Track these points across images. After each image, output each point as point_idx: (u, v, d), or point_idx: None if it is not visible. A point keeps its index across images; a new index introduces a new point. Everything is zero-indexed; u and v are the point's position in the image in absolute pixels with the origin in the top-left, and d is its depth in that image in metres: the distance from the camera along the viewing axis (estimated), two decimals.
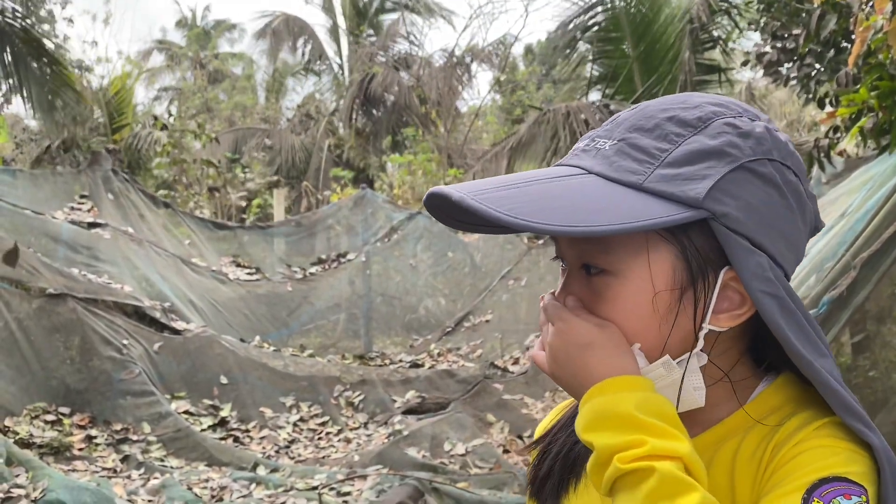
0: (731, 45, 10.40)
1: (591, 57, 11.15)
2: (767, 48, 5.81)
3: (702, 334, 0.70)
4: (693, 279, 0.69)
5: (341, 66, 19.22)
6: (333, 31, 19.32)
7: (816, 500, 0.62)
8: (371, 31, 18.75)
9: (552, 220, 0.64)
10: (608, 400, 0.65)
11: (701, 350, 0.70)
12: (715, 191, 0.66)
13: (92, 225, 6.87)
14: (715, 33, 9.97)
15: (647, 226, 0.65)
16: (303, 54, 19.86)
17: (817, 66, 5.40)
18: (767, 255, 0.67)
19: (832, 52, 5.20)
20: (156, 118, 12.38)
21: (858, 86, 4.04)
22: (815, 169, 4.24)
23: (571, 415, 0.85)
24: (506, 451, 4.93)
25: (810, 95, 5.59)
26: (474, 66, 16.49)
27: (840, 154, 4.15)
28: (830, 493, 0.62)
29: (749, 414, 0.72)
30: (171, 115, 14.20)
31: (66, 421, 4.97)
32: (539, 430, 0.91)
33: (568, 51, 11.16)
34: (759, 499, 0.66)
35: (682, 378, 0.70)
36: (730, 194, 0.66)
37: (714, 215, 0.66)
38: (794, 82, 5.77)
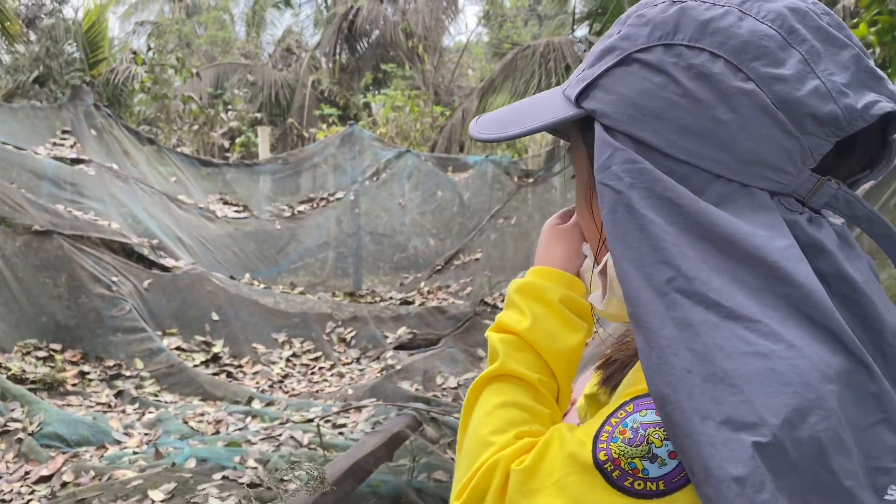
0: None
1: None
2: None
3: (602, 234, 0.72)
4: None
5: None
6: None
7: (622, 411, 0.60)
8: None
9: (490, 130, 0.73)
10: (513, 281, 0.77)
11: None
12: (591, 88, 0.66)
13: (75, 161, 6.74)
14: None
15: (534, 129, 0.69)
16: None
17: None
18: (657, 150, 0.61)
19: None
20: (134, 53, 12.04)
21: (856, 20, 3.99)
22: None
23: None
24: None
25: None
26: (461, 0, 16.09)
27: None
28: (638, 405, 0.60)
29: None
30: (150, 48, 13.78)
31: (58, 357, 4.98)
32: None
33: None
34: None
35: (589, 281, 0.76)
36: (606, 89, 0.65)
37: (590, 112, 0.66)
38: None
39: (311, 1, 19.26)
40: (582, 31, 11.24)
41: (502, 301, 6.01)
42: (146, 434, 4.02)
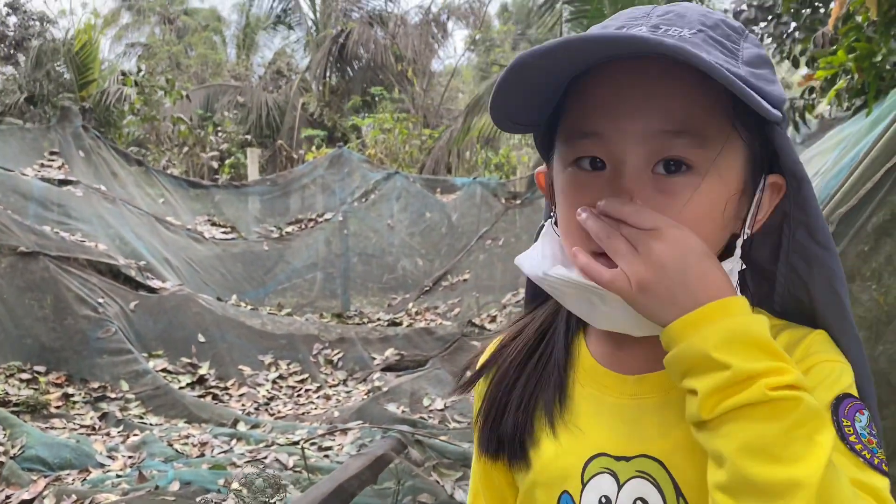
0: (707, 4, 10.37)
1: (566, 17, 11.05)
2: (744, 6, 5.82)
3: (740, 241, 0.70)
4: (754, 183, 0.69)
5: (315, 23, 18.84)
6: None
7: (844, 419, 0.64)
8: None
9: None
10: (743, 322, 0.59)
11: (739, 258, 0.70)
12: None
13: (63, 182, 6.73)
14: None
15: (776, 115, 0.63)
16: (272, 9, 19.40)
17: (793, 24, 5.45)
18: None
19: (808, 10, 5.24)
20: (124, 74, 12.08)
21: (835, 47, 4.07)
22: (791, 129, 4.30)
23: (522, 360, 0.81)
24: None
25: (785, 54, 5.64)
26: (450, 24, 16.28)
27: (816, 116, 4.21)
28: (851, 409, 0.65)
29: None
30: (140, 70, 13.83)
31: (42, 379, 4.94)
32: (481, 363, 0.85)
33: (544, 10, 11.03)
34: None
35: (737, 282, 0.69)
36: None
37: (783, 115, 0.67)
38: (769, 40, 5.81)
39: (301, 24, 19.39)
40: None
41: (490, 322, 6.01)
42: (130, 457, 3.99)
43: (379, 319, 7.27)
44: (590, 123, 0.67)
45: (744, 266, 0.72)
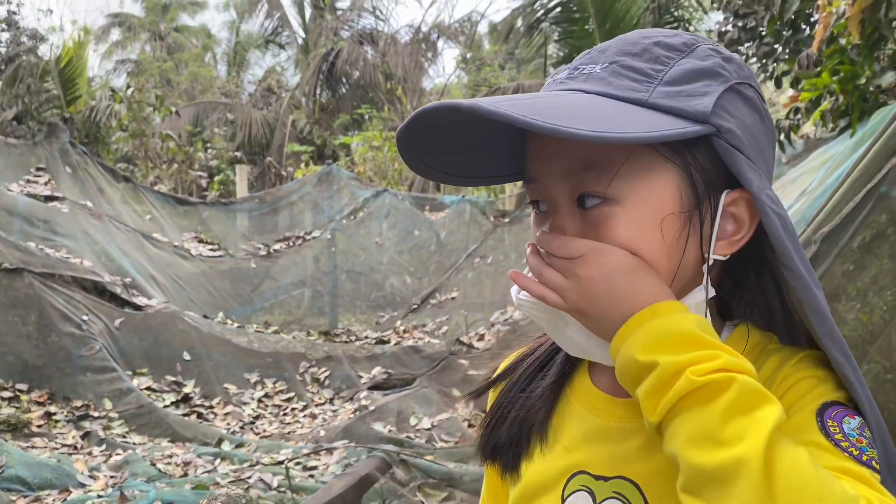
0: (692, 27, 10.51)
1: (555, 37, 11.16)
2: (729, 27, 5.89)
3: (706, 267, 0.68)
4: (699, 201, 0.67)
5: (306, 41, 18.92)
6: (299, 4, 18.98)
7: (830, 420, 0.63)
8: (338, 5, 18.47)
9: (579, 124, 0.59)
10: (666, 321, 0.61)
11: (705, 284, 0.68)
12: (717, 107, 0.65)
13: (49, 198, 6.69)
14: (676, 13, 10.05)
15: (671, 135, 0.62)
16: (264, 27, 19.49)
17: (776, 45, 5.51)
18: (760, 175, 0.67)
19: (790, 31, 5.31)
20: (113, 91, 12.06)
21: (819, 69, 4.12)
22: (776, 150, 4.34)
23: (528, 376, 0.85)
24: (471, 426, 4.98)
25: (768, 74, 5.69)
26: (440, 43, 16.38)
27: (800, 136, 4.25)
28: (838, 413, 0.64)
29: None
30: (129, 86, 13.80)
31: (24, 397, 4.87)
32: (500, 370, 0.91)
33: (531, 31, 11.14)
34: None
35: (706, 309, 0.68)
36: (728, 112, 0.66)
37: (719, 131, 0.65)
38: (753, 60, 5.87)
39: (291, 42, 19.47)
40: None
41: (478, 340, 5.99)
42: (112, 477, 3.93)
43: (367, 337, 7.23)
44: (530, 170, 0.72)
45: (713, 294, 0.69)
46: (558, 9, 10.52)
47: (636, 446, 0.71)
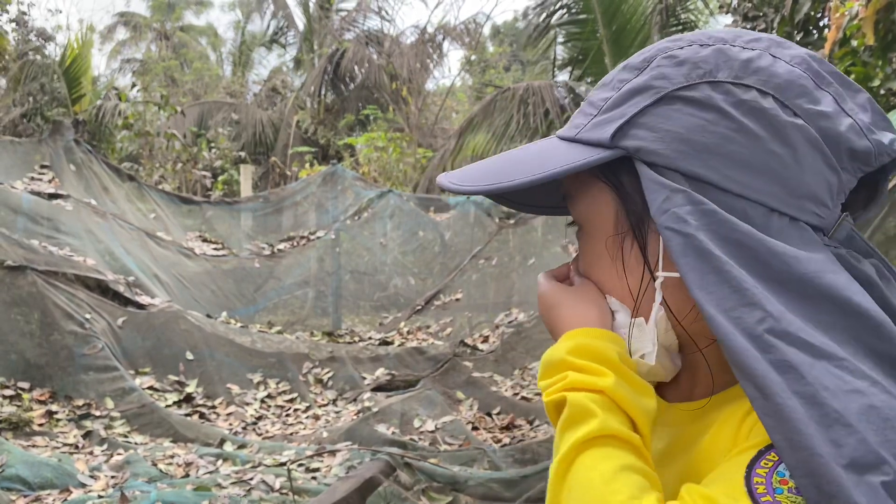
0: (701, 27, 10.46)
1: (560, 39, 11.12)
2: (738, 28, 5.85)
3: (657, 283, 0.66)
4: (637, 222, 0.67)
5: (311, 41, 18.91)
6: (304, 4, 18.98)
7: (758, 470, 0.57)
8: (344, 6, 18.48)
9: (481, 182, 0.68)
10: (551, 350, 0.68)
11: (660, 304, 0.66)
12: (629, 126, 0.64)
13: (53, 196, 6.67)
14: (682, 16, 10.00)
15: (555, 173, 0.65)
16: (268, 27, 19.50)
17: None
18: (714, 185, 0.61)
19: (801, 34, 5.27)
20: (117, 90, 12.06)
21: None
22: None
23: None
24: (475, 428, 4.95)
25: None
26: (446, 45, 16.36)
27: None
28: (770, 463, 0.58)
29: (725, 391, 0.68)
30: (134, 85, 13.80)
31: (26, 396, 4.85)
32: None
33: (537, 33, 11.10)
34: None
35: (629, 333, 0.68)
36: (647, 127, 0.63)
37: (628, 151, 0.64)
38: None
39: (296, 43, 19.47)
40: (563, 76, 11.41)
41: (482, 342, 5.97)
42: (113, 477, 3.90)
43: (370, 338, 7.20)
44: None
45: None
46: (564, 11, 10.49)
47: (661, 449, 0.71)
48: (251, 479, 3.67)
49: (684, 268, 0.59)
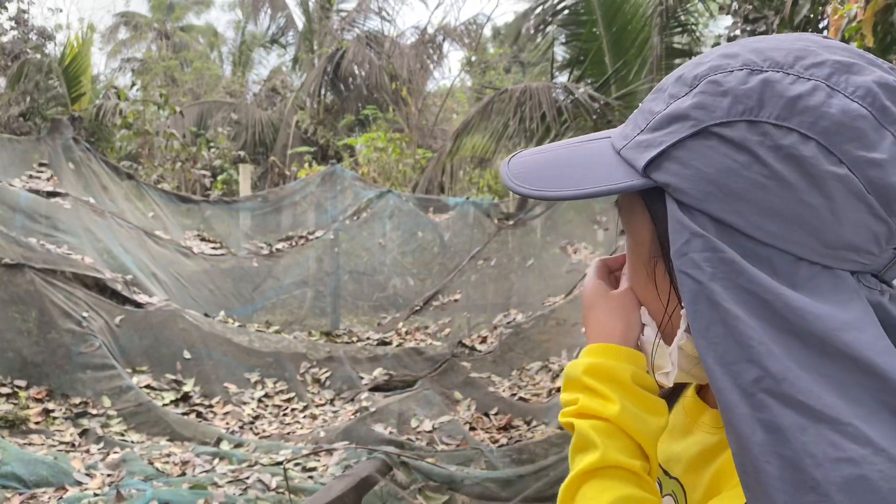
0: (701, 29, 10.46)
1: (562, 40, 11.11)
2: (738, 31, 5.84)
3: (683, 311, 0.66)
4: (668, 252, 0.64)
5: (311, 42, 18.91)
6: (304, 4, 18.98)
7: None
8: (344, 6, 18.47)
9: (534, 184, 0.68)
10: (572, 363, 0.72)
11: (685, 331, 0.65)
12: (662, 159, 0.62)
13: (51, 194, 6.66)
14: (682, 18, 9.99)
15: (591, 193, 0.66)
16: (269, 27, 19.49)
17: None
18: (740, 231, 0.59)
19: None
20: (116, 89, 12.06)
21: None
22: None
23: None
24: (472, 429, 4.94)
25: None
26: (446, 45, 16.36)
27: None
28: None
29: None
30: (134, 84, 13.79)
31: (22, 394, 4.84)
32: None
33: (537, 34, 11.09)
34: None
35: (653, 350, 0.71)
36: (680, 162, 0.61)
37: (663, 186, 0.62)
38: None
39: (296, 43, 19.47)
40: (562, 78, 11.40)
41: (481, 343, 5.96)
42: (109, 475, 3.89)
43: (368, 338, 7.19)
44: None
45: None
46: (565, 11, 10.48)
47: (695, 453, 0.73)
48: (247, 477, 3.66)
49: (692, 315, 0.59)
